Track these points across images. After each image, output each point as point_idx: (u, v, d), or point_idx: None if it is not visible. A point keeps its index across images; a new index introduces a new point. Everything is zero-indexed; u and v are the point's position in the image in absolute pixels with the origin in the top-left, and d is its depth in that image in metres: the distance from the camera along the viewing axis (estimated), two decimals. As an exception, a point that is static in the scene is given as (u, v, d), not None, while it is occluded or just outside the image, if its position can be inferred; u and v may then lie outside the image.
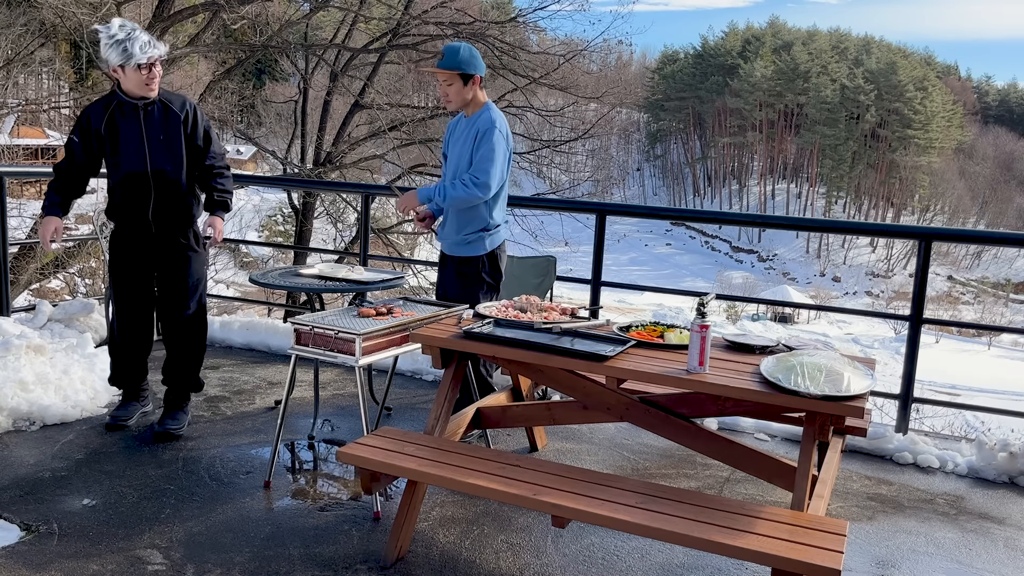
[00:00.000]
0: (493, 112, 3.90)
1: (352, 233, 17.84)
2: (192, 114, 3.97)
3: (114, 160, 3.90)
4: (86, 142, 3.90)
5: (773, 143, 76.88)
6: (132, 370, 4.20)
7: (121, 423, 4.15)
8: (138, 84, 3.80)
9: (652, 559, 3.08)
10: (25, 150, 26.36)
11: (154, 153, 3.88)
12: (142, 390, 4.29)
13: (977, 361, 35.99)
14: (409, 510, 3.00)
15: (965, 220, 69.08)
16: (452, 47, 3.84)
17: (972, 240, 6.77)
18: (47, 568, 2.84)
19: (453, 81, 3.82)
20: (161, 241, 3.99)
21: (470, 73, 3.83)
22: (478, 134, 3.84)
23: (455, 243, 3.99)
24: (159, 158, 3.89)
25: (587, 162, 37.27)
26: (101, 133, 3.86)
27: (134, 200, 3.92)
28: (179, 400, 4.18)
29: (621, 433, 4.39)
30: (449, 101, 3.89)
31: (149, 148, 3.87)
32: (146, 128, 3.88)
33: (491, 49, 14.96)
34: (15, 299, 10.49)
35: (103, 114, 3.87)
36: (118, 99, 3.87)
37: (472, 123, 3.90)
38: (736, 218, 12.88)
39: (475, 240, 3.96)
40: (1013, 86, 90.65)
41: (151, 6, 13.00)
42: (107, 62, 3.79)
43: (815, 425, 2.78)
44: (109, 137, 3.87)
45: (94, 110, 3.90)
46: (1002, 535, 3.44)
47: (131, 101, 3.85)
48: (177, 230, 4.01)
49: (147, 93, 3.84)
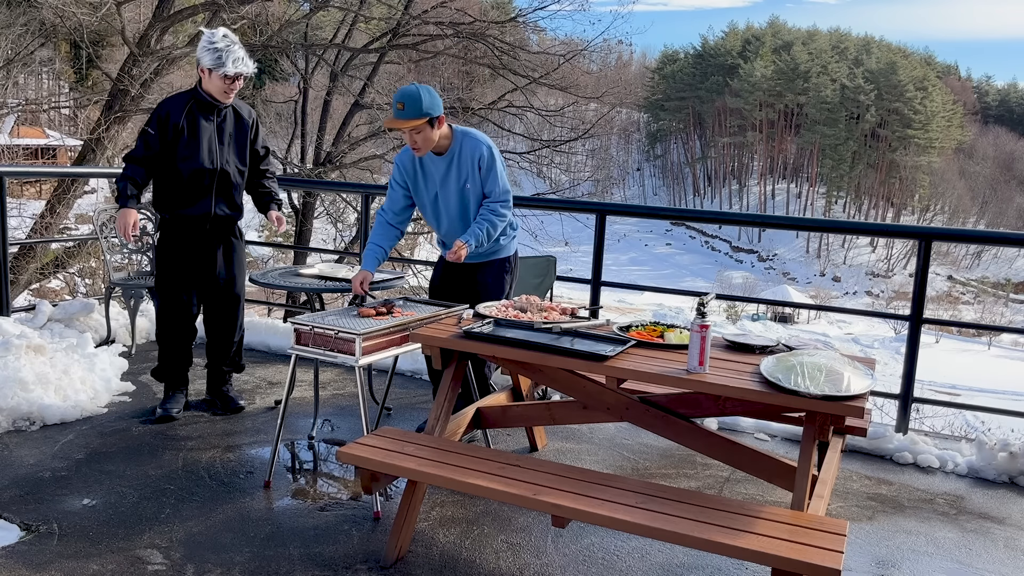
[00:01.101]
0: (473, 136, 3.80)
1: (352, 233, 17.84)
2: (256, 123, 4.37)
3: (187, 154, 4.10)
4: (162, 134, 4.08)
5: (773, 143, 76.88)
6: (181, 360, 4.40)
7: (172, 415, 4.32)
8: (219, 90, 4.08)
9: (652, 559, 3.08)
10: (25, 150, 26.37)
11: (224, 153, 4.20)
12: (185, 381, 4.48)
13: (977, 361, 35.98)
14: (409, 510, 3.00)
15: (965, 220, 69.08)
16: (410, 95, 3.58)
17: (972, 240, 6.75)
18: (47, 568, 2.84)
19: (421, 129, 3.62)
20: (214, 234, 4.27)
21: (434, 116, 3.63)
22: (480, 163, 3.76)
23: (487, 252, 3.96)
24: (228, 158, 4.21)
25: (587, 162, 37.27)
26: (179, 126, 4.07)
27: (196, 194, 4.16)
28: (226, 378, 4.53)
29: (621, 433, 4.39)
30: (419, 148, 3.69)
31: (220, 148, 4.18)
32: (219, 129, 4.18)
33: (491, 49, 14.97)
34: (15, 299, 10.49)
35: (183, 109, 4.09)
36: (198, 97, 4.12)
37: (454, 156, 3.77)
38: (736, 218, 12.86)
39: (507, 242, 4.04)
40: (1013, 86, 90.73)
41: (151, 6, 13.00)
42: (199, 61, 4.06)
43: (815, 425, 2.78)
44: (188, 132, 4.09)
45: (174, 105, 4.11)
46: (1002, 535, 3.44)
47: (209, 102, 4.11)
48: (230, 224, 4.34)
49: (224, 100, 4.13)
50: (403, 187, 3.92)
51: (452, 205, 3.87)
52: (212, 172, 4.16)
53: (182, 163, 4.11)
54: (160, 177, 4.17)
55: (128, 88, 11.45)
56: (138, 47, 11.65)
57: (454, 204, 3.86)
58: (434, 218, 3.98)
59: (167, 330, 4.35)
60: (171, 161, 4.11)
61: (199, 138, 4.12)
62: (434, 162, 3.82)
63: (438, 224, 3.99)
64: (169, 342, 4.37)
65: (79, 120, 18.21)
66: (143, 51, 11.57)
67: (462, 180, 3.80)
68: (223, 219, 4.28)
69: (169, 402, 4.39)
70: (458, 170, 3.80)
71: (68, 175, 11.10)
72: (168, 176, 4.15)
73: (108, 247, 5.65)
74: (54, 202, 11.86)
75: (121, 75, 11.75)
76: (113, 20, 12.06)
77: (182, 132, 4.08)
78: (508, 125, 17.28)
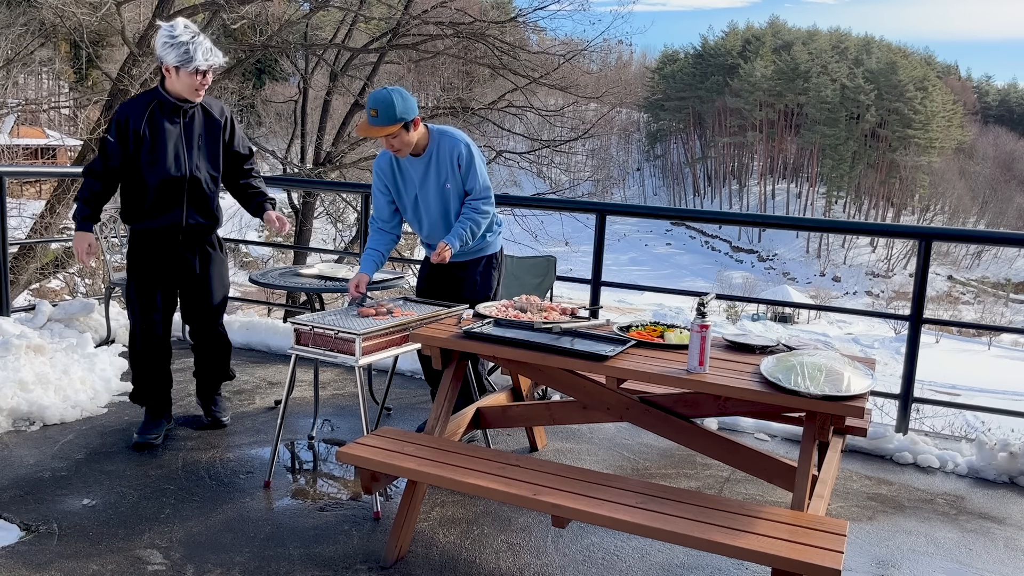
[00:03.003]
0: (448, 133, 3.76)
1: (352, 233, 17.85)
2: (230, 122, 3.95)
3: (151, 162, 3.74)
4: (123, 143, 3.72)
5: (773, 143, 76.87)
6: (157, 382, 4.04)
7: (151, 442, 3.94)
8: (188, 88, 3.71)
9: (652, 559, 3.08)
10: (25, 150, 26.37)
11: (193, 158, 3.82)
12: (168, 404, 4.12)
13: (977, 361, 35.95)
14: (409, 510, 3.00)
15: (965, 220, 69.05)
16: (382, 100, 3.52)
17: (972, 240, 6.76)
18: (47, 568, 2.84)
19: (398, 133, 3.57)
20: (188, 246, 3.94)
21: (409, 120, 3.57)
22: (459, 161, 3.72)
23: (472, 249, 3.95)
24: (198, 163, 3.84)
25: (587, 162, 37.30)
26: (140, 133, 3.70)
27: (165, 205, 3.81)
28: (214, 391, 4.30)
29: (621, 433, 4.39)
30: (398, 151, 3.66)
31: (189, 153, 3.80)
32: (187, 132, 3.80)
33: (491, 49, 14.97)
34: (15, 299, 10.49)
35: (143, 113, 3.72)
36: (159, 98, 3.75)
37: (431, 157, 3.74)
38: (736, 218, 12.86)
39: (492, 239, 4.02)
40: (1013, 86, 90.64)
41: (151, 6, 13.00)
42: (161, 59, 3.69)
43: (815, 425, 2.78)
44: (151, 137, 3.72)
45: (133, 109, 3.73)
46: (1002, 535, 3.44)
47: (173, 102, 3.75)
48: (205, 234, 4.00)
49: (194, 98, 3.76)
50: (385, 193, 3.89)
51: (433, 206, 3.82)
52: (181, 180, 3.79)
53: (147, 172, 3.74)
54: (126, 186, 3.82)
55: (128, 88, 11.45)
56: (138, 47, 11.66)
57: (435, 205, 3.82)
58: (415, 219, 3.93)
59: (139, 350, 3.98)
60: (136, 170, 3.76)
61: (164, 143, 3.73)
62: (412, 164, 3.78)
63: (420, 225, 3.94)
64: (142, 363, 4.00)
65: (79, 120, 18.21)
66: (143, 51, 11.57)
67: (442, 180, 3.76)
68: (196, 229, 3.93)
69: (148, 430, 3.98)
70: (437, 170, 3.76)
71: (68, 175, 11.08)
72: (134, 186, 3.80)
73: (108, 247, 5.65)
74: (54, 202, 11.87)
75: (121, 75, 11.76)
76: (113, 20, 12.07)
77: (143, 138, 3.70)
78: (508, 125, 17.29)
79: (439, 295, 4.03)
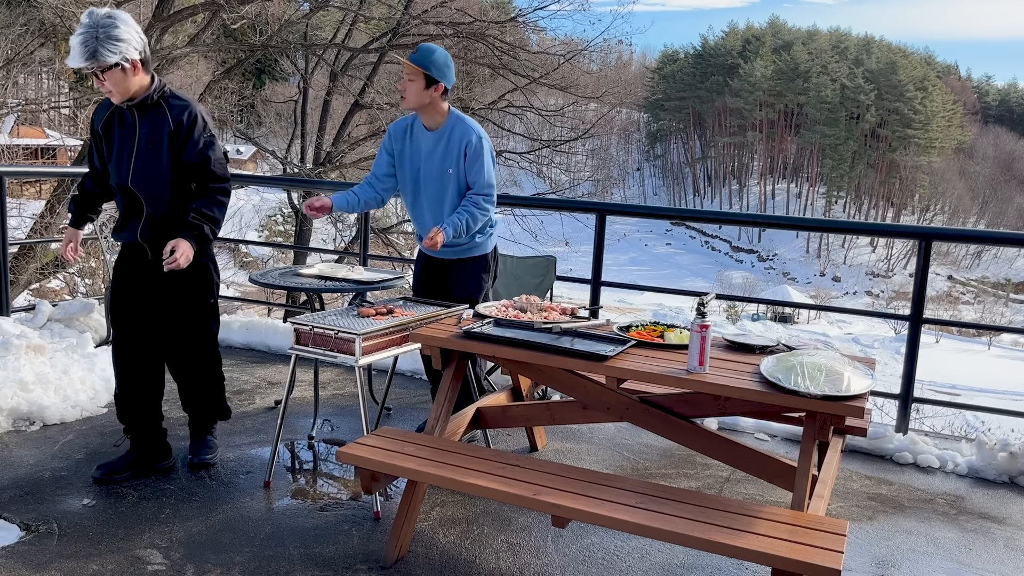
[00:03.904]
0: (467, 122, 3.79)
1: (352, 233, 17.86)
2: (188, 126, 3.36)
3: (108, 168, 3.48)
4: (96, 144, 3.50)
5: (773, 143, 76.88)
6: (134, 406, 3.57)
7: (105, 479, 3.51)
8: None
9: (652, 559, 3.08)
10: (25, 150, 26.37)
11: (137, 166, 3.37)
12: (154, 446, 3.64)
13: (977, 361, 35.97)
14: (409, 510, 3.00)
15: (965, 220, 69.09)
16: (430, 47, 3.68)
17: (972, 240, 6.76)
18: (47, 568, 2.84)
19: (416, 78, 3.64)
20: (157, 265, 3.41)
21: (435, 78, 3.64)
22: (467, 149, 3.73)
23: (464, 248, 3.96)
24: (141, 172, 3.38)
25: (587, 162, 37.30)
26: (99, 134, 3.47)
27: (127, 218, 3.47)
28: (204, 428, 3.79)
29: (621, 433, 4.39)
30: (404, 97, 3.71)
31: (134, 159, 3.37)
32: (129, 137, 3.39)
33: (491, 49, 14.97)
34: (15, 299, 10.49)
35: (104, 113, 3.45)
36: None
37: (444, 136, 3.76)
38: (736, 218, 12.87)
39: (484, 240, 3.98)
40: (1013, 86, 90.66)
41: (151, 6, 13.00)
42: None
43: (815, 425, 2.78)
44: (106, 140, 3.46)
45: (99, 108, 3.50)
46: (1002, 535, 3.44)
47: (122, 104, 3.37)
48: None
49: (113, 99, 3.35)
50: (389, 154, 3.92)
51: (431, 186, 3.82)
52: (125, 190, 3.42)
53: (111, 179, 3.48)
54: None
55: (128, 88, 11.43)
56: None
57: (433, 186, 3.81)
58: (412, 196, 3.91)
59: (118, 390, 3.58)
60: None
61: (115, 149, 3.41)
62: (424, 135, 3.81)
63: (414, 203, 3.91)
64: (125, 404, 3.58)
65: (79, 120, 18.20)
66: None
67: (446, 163, 3.76)
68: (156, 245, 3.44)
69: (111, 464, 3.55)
70: (445, 150, 3.76)
71: (68, 175, 11.08)
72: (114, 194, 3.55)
73: (108, 247, 5.65)
74: (54, 202, 11.87)
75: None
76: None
77: (102, 140, 3.45)
78: (508, 125, 17.30)
79: (430, 292, 4.04)
